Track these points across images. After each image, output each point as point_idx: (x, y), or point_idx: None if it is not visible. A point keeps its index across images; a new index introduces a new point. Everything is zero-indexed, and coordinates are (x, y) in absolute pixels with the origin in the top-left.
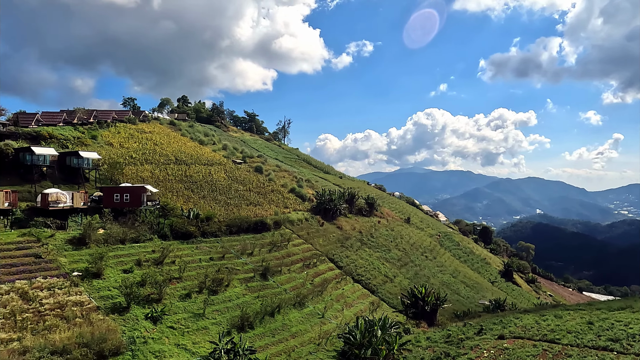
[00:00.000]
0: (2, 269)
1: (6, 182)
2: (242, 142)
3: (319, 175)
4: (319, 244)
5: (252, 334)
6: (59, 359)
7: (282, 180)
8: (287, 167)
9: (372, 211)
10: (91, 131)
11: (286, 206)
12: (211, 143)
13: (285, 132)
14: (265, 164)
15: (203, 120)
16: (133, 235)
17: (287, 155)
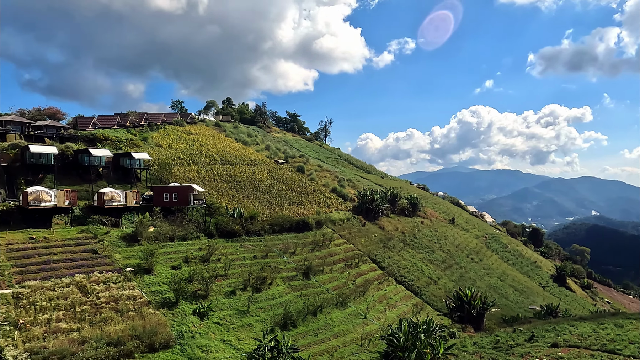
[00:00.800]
0: (63, 263)
1: (67, 181)
2: (284, 143)
3: (361, 175)
4: (360, 244)
5: (294, 333)
6: (114, 350)
7: (324, 180)
8: (328, 166)
9: (415, 211)
10: (142, 133)
11: (328, 206)
12: (254, 143)
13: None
14: (307, 164)
15: (246, 122)
16: (181, 233)
17: (329, 155)
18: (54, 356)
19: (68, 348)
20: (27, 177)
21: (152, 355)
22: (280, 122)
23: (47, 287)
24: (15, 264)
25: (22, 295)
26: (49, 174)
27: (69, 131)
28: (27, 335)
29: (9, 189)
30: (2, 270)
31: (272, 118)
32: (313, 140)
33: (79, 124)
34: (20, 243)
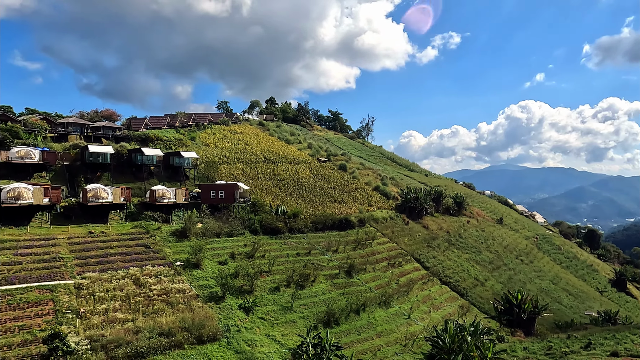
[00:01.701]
0: (119, 256)
1: (122, 179)
2: (326, 141)
3: (404, 173)
4: (404, 243)
5: (337, 330)
6: (165, 340)
7: (366, 178)
8: (370, 164)
9: (460, 210)
10: (190, 133)
11: (370, 204)
12: (297, 142)
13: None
14: (349, 162)
15: (289, 120)
16: (227, 229)
17: (371, 153)
18: (112, 344)
19: (124, 337)
20: (86, 175)
21: (200, 347)
22: (323, 120)
23: (105, 278)
24: (77, 256)
25: (83, 286)
26: (105, 172)
27: (123, 132)
28: (87, 323)
29: (70, 186)
30: (65, 262)
31: (314, 116)
32: (355, 138)
33: (132, 125)
34: (80, 237)
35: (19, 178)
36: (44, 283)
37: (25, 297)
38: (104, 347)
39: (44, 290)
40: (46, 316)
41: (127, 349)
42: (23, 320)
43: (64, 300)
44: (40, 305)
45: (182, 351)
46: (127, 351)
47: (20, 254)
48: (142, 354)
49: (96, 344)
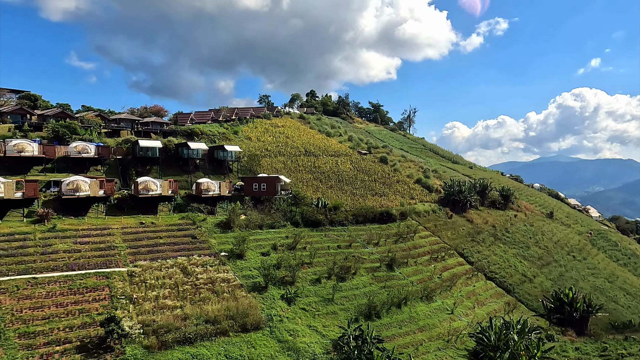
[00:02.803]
0: (168, 246)
1: (169, 172)
2: (367, 133)
3: (447, 165)
4: (447, 237)
5: (378, 323)
6: (211, 327)
7: (408, 170)
8: (412, 157)
9: (507, 204)
10: (233, 127)
11: (412, 197)
12: (337, 135)
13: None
14: (390, 155)
15: (329, 113)
16: (269, 221)
17: (413, 145)
18: (162, 329)
19: (173, 323)
20: (137, 168)
21: (244, 335)
22: (363, 112)
23: (155, 267)
24: (129, 245)
25: (135, 274)
26: (154, 165)
27: (171, 126)
28: (139, 309)
29: (122, 179)
30: (119, 250)
31: (355, 109)
32: (396, 130)
33: (179, 120)
34: (132, 227)
35: (76, 171)
36: (100, 270)
37: (84, 283)
38: (155, 331)
39: (101, 276)
40: (102, 301)
41: (176, 334)
42: (82, 304)
43: (118, 287)
44: (97, 291)
45: (227, 338)
46: (176, 336)
47: (79, 242)
48: (190, 340)
49: (148, 329)
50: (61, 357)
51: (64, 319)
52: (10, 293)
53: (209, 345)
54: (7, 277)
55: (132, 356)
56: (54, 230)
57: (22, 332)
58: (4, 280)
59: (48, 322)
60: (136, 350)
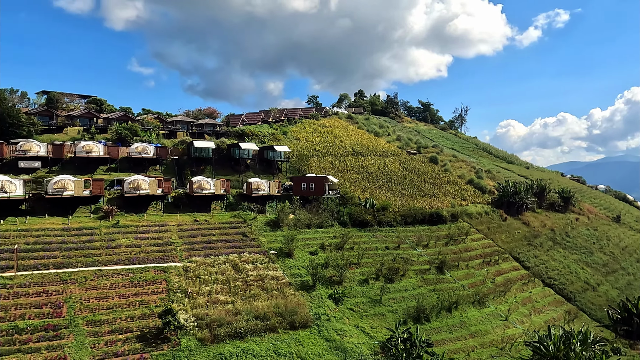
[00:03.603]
0: (220, 243)
1: (222, 172)
2: (416, 133)
3: (501, 165)
4: (501, 240)
5: (428, 327)
6: (261, 323)
7: (459, 170)
8: (464, 157)
9: (567, 206)
10: (282, 128)
11: (463, 198)
12: (386, 134)
13: (462, 120)
14: (440, 154)
15: (378, 113)
16: (317, 221)
17: (464, 145)
18: (214, 323)
19: (225, 317)
20: (192, 168)
21: (292, 332)
22: (412, 111)
23: (208, 263)
24: (184, 241)
25: (190, 269)
26: (208, 165)
27: (223, 128)
28: (193, 302)
29: (178, 178)
30: (175, 246)
31: (404, 108)
32: (447, 129)
33: (231, 121)
34: (187, 224)
35: (137, 171)
36: (158, 264)
37: (144, 276)
38: (208, 325)
39: (159, 270)
40: (160, 294)
41: (228, 328)
42: (142, 296)
43: (174, 281)
44: (155, 284)
45: (276, 335)
46: (227, 330)
47: (140, 237)
48: (240, 334)
49: (201, 322)
50: (123, 345)
51: (125, 310)
52: (79, 283)
53: (258, 340)
54: (77, 268)
55: (187, 348)
56: (117, 226)
57: (89, 320)
58: (74, 271)
59: (112, 312)
60: (190, 342)
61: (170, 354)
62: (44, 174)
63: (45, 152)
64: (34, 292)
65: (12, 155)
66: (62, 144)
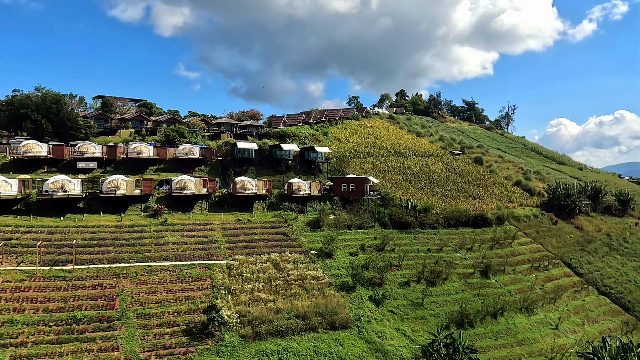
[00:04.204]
0: (262, 242)
1: (264, 172)
2: (460, 132)
3: (551, 166)
4: (551, 245)
5: (471, 333)
6: (302, 322)
7: (506, 172)
8: (511, 157)
9: (625, 210)
10: (323, 129)
11: (510, 200)
12: (428, 134)
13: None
14: (485, 155)
15: (420, 112)
16: (357, 222)
17: (511, 145)
18: (256, 320)
19: (266, 315)
20: (235, 168)
21: (332, 333)
22: (456, 111)
23: (250, 261)
24: (228, 240)
25: (233, 267)
26: (250, 166)
27: (265, 129)
28: (236, 300)
29: (222, 178)
30: (219, 244)
31: (447, 107)
32: (493, 129)
33: (272, 123)
34: (230, 223)
35: (184, 171)
36: (203, 262)
37: (190, 273)
38: (250, 322)
39: (203, 268)
40: (205, 290)
41: (269, 326)
42: (188, 292)
43: (218, 278)
44: (200, 281)
45: (316, 334)
46: (269, 328)
47: (186, 235)
48: (281, 333)
49: (244, 319)
50: (171, 338)
51: (172, 304)
52: (130, 278)
53: (299, 339)
54: (128, 263)
55: (230, 343)
56: (165, 224)
57: (139, 313)
58: (126, 266)
59: (160, 306)
60: (233, 338)
61: (214, 349)
62: (99, 174)
63: (100, 153)
64: (90, 285)
65: (71, 156)
66: (115, 146)
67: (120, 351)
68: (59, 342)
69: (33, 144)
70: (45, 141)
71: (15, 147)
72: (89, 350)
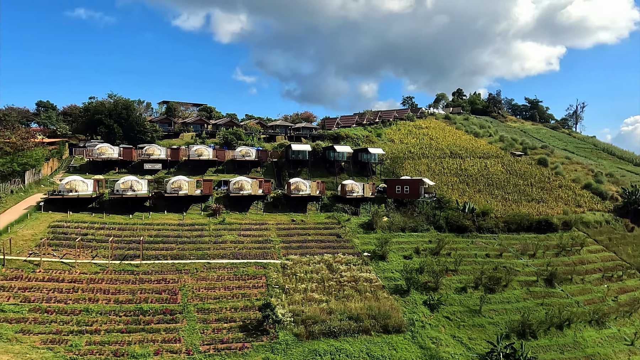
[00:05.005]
0: (315, 243)
1: (317, 174)
2: (521, 133)
3: (626, 168)
4: (626, 254)
5: (534, 344)
6: (354, 324)
7: (573, 174)
8: (579, 158)
9: None
10: (376, 130)
11: (578, 205)
12: (487, 135)
13: (577, 118)
14: (550, 156)
15: (478, 112)
16: (411, 224)
17: (580, 145)
18: (309, 320)
19: (319, 315)
20: (289, 170)
21: (385, 336)
22: (518, 110)
23: (304, 261)
24: (282, 240)
25: (287, 266)
26: (304, 167)
27: (319, 131)
28: (290, 299)
29: (277, 179)
30: (274, 244)
31: (508, 106)
32: (559, 128)
33: (326, 124)
34: (285, 223)
35: (240, 172)
36: (259, 260)
37: (246, 271)
38: (304, 321)
39: (259, 266)
40: (260, 288)
41: (322, 326)
42: (244, 289)
43: (273, 277)
44: (256, 279)
45: (369, 337)
46: (322, 328)
47: (242, 234)
48: (334, 333)
49: (297, 318)
50: (228, 333)
51: (230, 301)
52: (191, 274)
53: (351, 341)
54: (189, 260)
55: (284, 341)
56: (223, 223)
57: (199, 308)
58: (187, 262)
59: (218, 302)
60: (287, 337)
61: (268, 346)
62: (163, 175)
63: (164, 155)
64: (155, 279)
65: (139, 158)
66: (178, 148)
67: (182, 343)
68: (127, 331)
69: (106, 146)
70: (117, 144)
71: (90, 150)
72: (154, 341)
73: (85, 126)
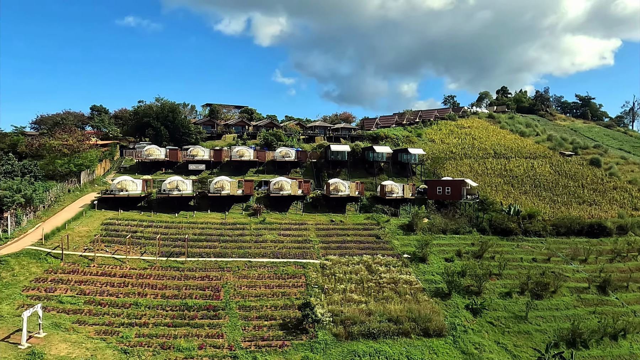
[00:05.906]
0: (354, 243)
1: (356, 174)
2: (572, 131)
3: None
4: None
5: (585, 354)
6: (394, 326)
7: (630, 175)
8: (636, 159)
9: None
10: (417, 130)
11: (635, 208)
12: (534, 134)
13: (634, 116)
14: (604, 156)
15: (524, 110)
16: (453, 226)
17: (637, 144)
18: (348, 320)
19: (358, 316)
20: (328, 170)
21: (426, 340)
22: (567, 107)
23: (343, 262)
24: (321, 240)
25: (326, 266)
26: (343, 168)
27: (357, 131)
28: (329, 299)
29: (316, 180)
30: (313, 244)
31: (556, 104)
32: (613, 126)
33: (365, 125)
34: (324, 224)
35: (280, 173)
36: (298, 260)
37: (286, 270)
38: (343, 322)
39: (298, 266)
40: (299, 287)
41: (361, 327)
42: (284, 288)
43: (312, 276)
44: (295, 278)
45: (409, 340)
46: (361, 329)
47: (282, 234)
48: (373, 335)
49: (336, 318)
50: (268, 331)
51: (270, 299)
52: (233, 272)
53: (391, 343)
54: (231, 258)
55: (323, 341)
56: (264, 223)
57: (240, 305)
58: (229, 260)
59: (259, 300)
60: (326, 336)
61: (308, 345)
62: (206, 175)
63: (208, 156)
64: (199, 276)
65: (184, 159)
66: (220, 149)
67: (224, 338)
68: (173, 325)
69: (153, 148)
70: (163, 146)
71: (139, 152)
72: (198, 335)
73: (135, 128)
